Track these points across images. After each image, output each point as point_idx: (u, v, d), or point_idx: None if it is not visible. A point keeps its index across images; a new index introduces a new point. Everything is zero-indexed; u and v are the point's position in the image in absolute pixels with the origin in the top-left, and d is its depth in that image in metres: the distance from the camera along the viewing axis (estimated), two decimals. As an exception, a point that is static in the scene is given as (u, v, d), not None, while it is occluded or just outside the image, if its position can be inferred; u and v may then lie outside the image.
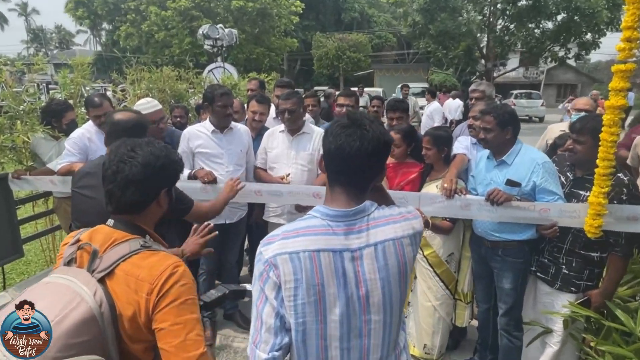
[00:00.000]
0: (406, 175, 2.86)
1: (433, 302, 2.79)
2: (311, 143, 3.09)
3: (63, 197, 3.47)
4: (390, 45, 31.91)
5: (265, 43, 23.75)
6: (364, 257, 1.10)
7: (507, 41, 18.73)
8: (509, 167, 2.38)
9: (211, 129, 3.00)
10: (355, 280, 1.09)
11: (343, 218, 1.10)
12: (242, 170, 3.11)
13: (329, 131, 1.12)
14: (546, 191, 2.26)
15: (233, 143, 3.05)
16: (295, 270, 1.05)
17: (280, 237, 1.09)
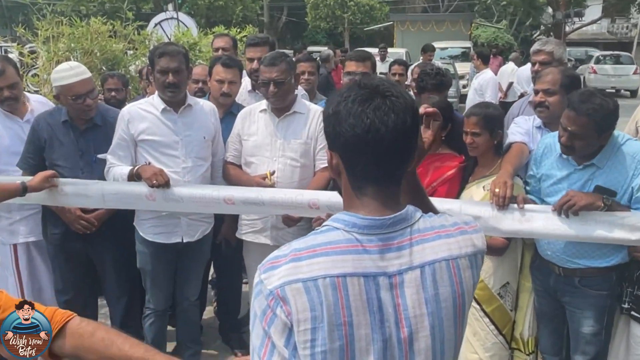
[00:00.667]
0: (441, 172, 2.94)
1: (481, 354, 2.88)
2: (306, 127, 3.16)
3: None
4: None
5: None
6: (405, 284, 1.09)
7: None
8: (599, 170, 2.44)
9: (161, 106, 3.06)
10: (395, 317, 1.08)
11: (377, 230, 1.10)
12: (206, 167, 3.19)
13: (343, 111, 1.10)
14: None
15: (193, 127, 3.12)
16: (312, 304, 1.03)
17: (289, 259, 1.07)
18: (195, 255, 3.31)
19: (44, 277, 3.57)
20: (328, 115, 1.14)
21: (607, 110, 2.34)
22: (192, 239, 3.18)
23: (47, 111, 3.36)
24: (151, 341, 3.30)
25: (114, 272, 3.38)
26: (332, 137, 1.13)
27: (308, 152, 3.17)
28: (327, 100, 1.20)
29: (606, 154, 2.45)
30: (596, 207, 2.31)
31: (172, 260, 3.25)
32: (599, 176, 2.44)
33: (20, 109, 3.38)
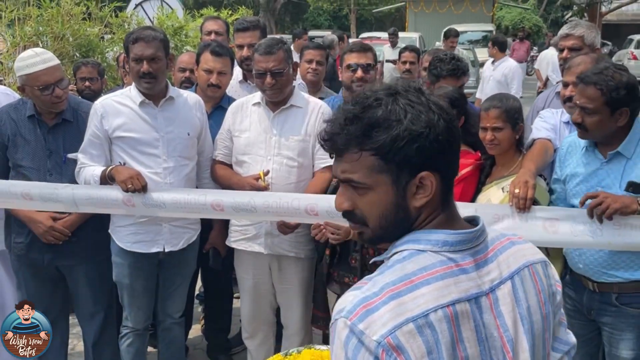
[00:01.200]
0: None
1: None
2: (304, 123, 3.20)
3: None
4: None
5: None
6: (500, 302, 1.10)
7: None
8: (629, 162, 2.48)
9: (139, 99, 3.10)
10: (500, 343, 1.09)
11: (468, 244, 1.11)
12: (191, 166, 3.23)
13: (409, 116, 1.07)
14: None
15: (175, 122, 3.16)
16: (429, 346, 0.98)
17: (386, 296, 1.01)
18: (180, 266, 3.34)
19: (7, 292, 3.62)
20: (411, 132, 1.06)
21: (620, 82, 2.39)
22: (176, 247, 3.21)
23: (10, 104, 3.38)
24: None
25: (87, 287, 3.39)
26: (430, 155, 1.08)
27: (306, 150, 3.20)
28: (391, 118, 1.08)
29: (633, 142, 2.49)
30: (632, 210, 2.32)
31: (153, 272, 3.28)
32: (630, 169, 2.47)
33: None
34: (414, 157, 1.05)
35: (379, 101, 1.08)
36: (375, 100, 1.08)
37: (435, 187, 1.08)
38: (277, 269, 3.32)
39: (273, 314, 3.56)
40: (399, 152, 1.04)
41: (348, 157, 1.09)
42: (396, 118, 1.05)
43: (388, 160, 1.06)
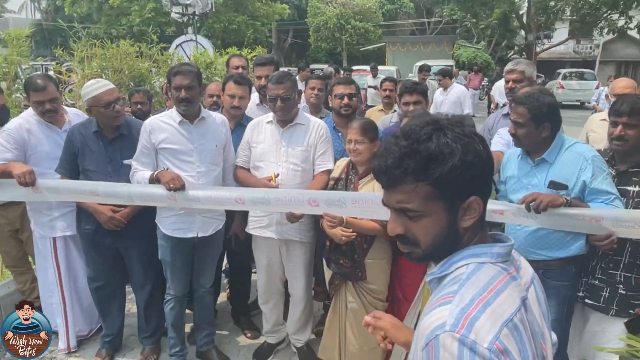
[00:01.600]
0: None
1: None
2: (306, 137, 3.16)
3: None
4: (406, 13, 32.19)
5: (249, 10, 23.94)
6: (530, 302, 1.06)
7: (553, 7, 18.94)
8: (551, 166, 2.47)
9: (178, 119, 3.06)
10: (542, 337, 1.06)
11: (509, 255, 1.07)
12: (218, 171, 3.19)
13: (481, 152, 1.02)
14: (598, 191, 2.36)
15: (206, 137, 3.11)
16: (520, 346, 0.93)
17: (481, 304, 0.93)
18: (209, 248, 3.31)
19: (79, 267, 3.59)
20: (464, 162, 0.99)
21: (542, 102, 2.42)
22: (206, 233, 3.18)
23: (79, 123, 3.36)
24: (171, 323, 3.33)
25: (139, 264, 3.37)
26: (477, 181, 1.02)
27: (308, 158, 3.16)
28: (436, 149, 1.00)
29: (554, 151, 2.48)
30: (559, 204, 2.32)
31: (189, 252, 3.23)
32: (552, 172, 2.45)
33: (59, 120, 3.42)
34: (465, 185, 0.99)
35: (429, 136, 0.99)
36: (425, 135, 1.00)
37: (481, 209, 1.03)
38: (286, 251, 3.29)
39: (282, 285, 3.51)
40: (453, 181, 0.98)
41: (403, 189, 1.01)
42: (449, 151, 0.97)
43: (443, 189, 0.99)
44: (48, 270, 3.52)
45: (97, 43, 4.91)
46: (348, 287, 3.06)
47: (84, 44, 4.78)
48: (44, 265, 3.54)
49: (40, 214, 3.43)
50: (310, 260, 3.37)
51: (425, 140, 0.99)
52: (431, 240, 1.03)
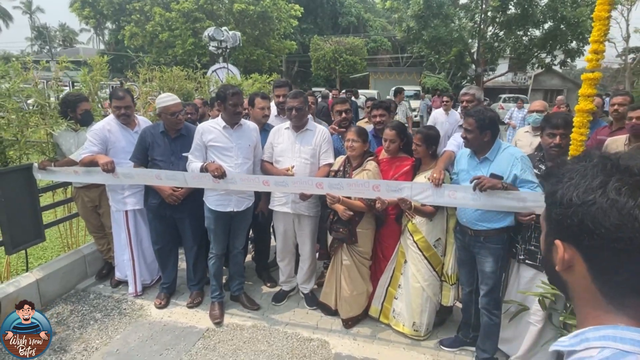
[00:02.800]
0: (399, 168, 3.03)
1: (422, 283, 2.98)
2: (314, 139, 3.22)
3: (81, 187, 3.65)
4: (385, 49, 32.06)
5: (265, 45, 23.82)
6: None
7: (497, 47, 18.98)
8: (492, 163, 2.54)
9: (222, 124, 3.12)
10: None
11: None
12: (250, 163, 3.24)
13: (602, 203, 0.61)
14: (525, 181, 2.44)
15: (242, 138, 3.17)
16: None
17: None
18: (242, 220, 3.36)
19: (143, 233, 3.65)
20: (571, 204, 0.65)
21: (485, 116, 2.49)
22: (240, 209, 3.23)
23: (150, 125, 3.43)
24: (213, 274, 3.37)
25: (189, 230, 3.43)
26: (574, 229, 0.64)
27: (315, 154, 3.22)
28: (553, 176, 0.71)
29: (494, 152, 2.54)
30: (498, 187, 2.40)
31: (227, 222, 3.29)
32: (493, 167, 2.53)
33: (131, 124, 3.46)
34: (554, 221, 0.69)
35: (580, 160, 0.69)
36: (580, 157, 0.71)
37: (564, 260, 0.67)
38: (298, 222, 3.35)
39: (294, 248, 3.57)
40: (549, 207, 0.71)
41: None
42: (565, 180, 0.67)
43: (546, 211, 0.73)
44: (121, 235, 3.58)
45: (156, 68, 4.97)
46: (343, 249, 3.15)
47: (146, 69, 4.86)
48: (118, 231, 3.60)
49: (116, 193, 3.49)
50: (315, 229, 3.43)
51: (573, 162, 0.71)
52: (542, 260, 0.77)
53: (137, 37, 22.78)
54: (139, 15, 22.83)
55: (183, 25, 21.51)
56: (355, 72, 26.69)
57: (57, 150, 3.56)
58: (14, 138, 3.25)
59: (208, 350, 2.97)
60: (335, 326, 3.28)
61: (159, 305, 3.50)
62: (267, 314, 3.44)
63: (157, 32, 21.84)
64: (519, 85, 32.35)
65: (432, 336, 3.15)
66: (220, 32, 8.95)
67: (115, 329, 3.20)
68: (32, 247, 3.80)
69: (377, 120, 3.50)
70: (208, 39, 9.07)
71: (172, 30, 21.70)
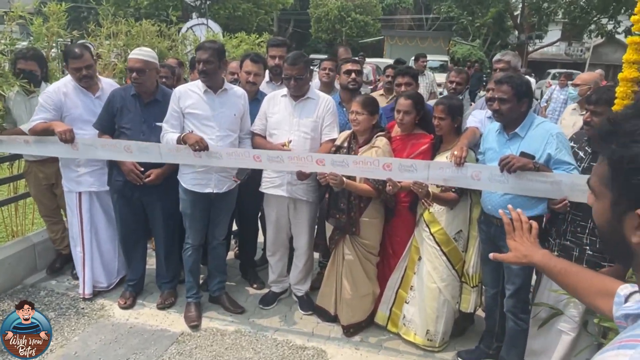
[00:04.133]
0: (416, 147, 3.24)
1: (438, 283, 3.20)
2: (316, 109, 3.39)
3: (35, 161, 3.82)
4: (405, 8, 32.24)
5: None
6: None
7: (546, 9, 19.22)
8: (522, 140, 2.75)
9: (203, 89, 3.29)
10: None
11: None
12: (235, 137, 3.40)
13: None
14: (561, 162, 2.65)
15: (226, 105, 3.32)
16: None
17: None
18: (224, 203, 3.50)
19: (101, 222, 3.77)
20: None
21: (522, 80, 2.70)
22: (221, 190, 3.36)
23: (120, 87, 3.59)
24: (189, 269, 3.56)
25: (161, 217, 3.59)
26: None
27: (317, 128, 3.38)
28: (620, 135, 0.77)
29: (525, 127, 2.74)
30: (528, 168, 2.58)
31: (206, 207, 3.43)
32: (523, 144, 2.71)
33: (93, 87, 3.58)
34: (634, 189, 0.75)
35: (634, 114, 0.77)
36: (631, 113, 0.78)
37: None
38: (294, 208, 3.52)
39: (288, 240, 3.74)
40: (624, 173, 0.76)
41: (600, 159, 0.84)
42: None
43: (614, 177, 0.78)
44: (73, 221, 3.71)
45: (123, 21, 5.09)
46: (345, 242, 3.35)
47: (111, 21, 5.01)
48: (70, 217, 3.74)
49: (69, 169, 3.60)
50: (314, 219, 3.62)
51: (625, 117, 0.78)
52: (600, 231, 0.88)
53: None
54: (93, -45, 22.85)
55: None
56: (367, 35, 26.91)
57: (6, 118, 3.73)
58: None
59: (183, 356, 3.20)
60: (335, 333, 3.50)
61: (124, 305, 3.69)
62: (252, 318, 3.66)
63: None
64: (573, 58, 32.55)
65: (448, 347, 3.38)
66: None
67: (73, 330, 3.43)
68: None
69: (403, 90, 3.66)
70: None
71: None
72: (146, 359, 3.14)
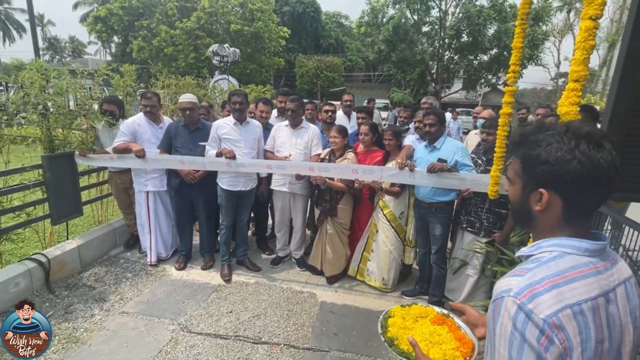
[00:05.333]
0: (373, 158, 3.34)
1: (389, 247, 3.31)
2: (307, 134, 3.48)
3: (115, 171, 3.81)
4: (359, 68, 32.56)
5: (257, 61, 23.91)
6: (618, 298, 0.79)
7: (452, 69, 19.82)
8: (439, 150, 2.90)
9: (233, 121, 3.36)
10: (619, 329, 0.78)
11: (599, 252, 0.80)
12: (254, 153, 3.45)
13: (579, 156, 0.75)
14: (464, 165, 2.81)
15: (249, 132, 3.40)
16: (580, 329, 0.72)
17: (547, 286, 0.73)
18: (247, 197, 3.55)
19: (161, 213, 3.76)
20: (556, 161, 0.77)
21: (441, 112, 2.88)
22: (246, 189, 3.44)
23: (175, 121, 3.62)
24: (223, 241, 3.56)
25: (203, 206, 3.60)
26: (558, 179, 0.77)
27: (308, 146, 3.46)
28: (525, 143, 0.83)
29: (440, 142, 2.89)
30: (444, 170, 2.73)
31: (235, 200, 3.48)
32: (439, 153, 2.86)
33: (157, 120, 3.60)
34: (544, 177, 0.79)
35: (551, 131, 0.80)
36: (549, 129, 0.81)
37: (547, 202, 0.79)
38: (292, 199, 3.57)
39: (289, 221, 3.77)
40: (531, 167, 0.81)
41: (512, 158, 0.88)
42: (543, 145, 0.79)
43: (524, 169, 0.83)
44: (142, 212, 3.70)
45: (173, 77, 5.14)
46: (328, 221, 3.43)
47: (165, 77, 5.05)
48: (139, 209, 3.73)
49: (140, 176, 3.59)
50: (306, 206, 3.68)
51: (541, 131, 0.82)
52: (512, 206, 0.89)
53: (144, 51, 22.45)
54: (146, 32, 22.53)
55: (186, 42, 21.39)
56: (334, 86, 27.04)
57: (95, 143, 3.72)
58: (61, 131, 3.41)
59: (221, 299, 3.23)
60: (321, 282, 3.57)
61: (178, 268, 3.69)
62: (266, 274, 3.70)
63: (162, 47, 21.62)
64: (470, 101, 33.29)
65: (396, 289, 3.48)
66: (223, 49, 9.13)
67: (144, 284, 3.43)
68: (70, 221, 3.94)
69: (360, 122, 3.76)
70: (212, 54, 9.22)
71: (176, 46, 21.53)
72: (196, 303, 3.17)
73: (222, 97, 6.13)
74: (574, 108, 1.77)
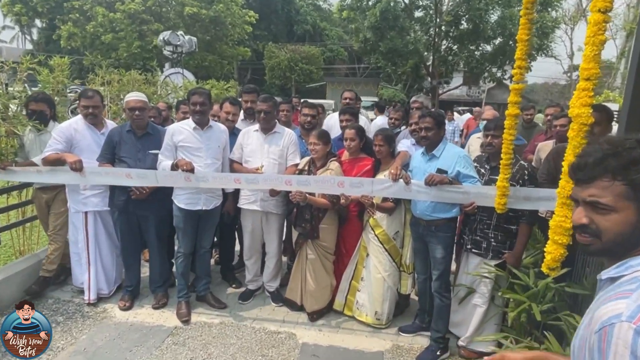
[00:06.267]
0: (361, 168, 3.43)
1: (383, 273, 3.38)
2: (282, 140, 3.53)
3: (39, 187, 3.71)
4: (342, 59, 33.19)
5: (218, 51, 23.97)
6: None
7: (451, 61, 20.48)
8: (438, 159, 3.00)
9: (193, 125, 3.37)
10: None
11: None
12: (219, 164, 3.47)
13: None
14: (467, 176, 2.91)
15: (212, 139, 3.41)
16: None
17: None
18: (210, 218, 3.54)
19: (103, 239, 3.71)
20: None
21: (439, 114, 2.99)
22: (208, 207, 3.43)
23: (119, 125, 3.61)
24: (180, 272, 3.54)
25: (154, 229, 3.58)
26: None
27: (283, 155, 3.52)
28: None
29: (440, 149, 2.98)
30: (445, 182, 2.81)
31: (195, 221, 3.47)
32: (439, 163, 2.95)
33: (99, 125, 3.57)
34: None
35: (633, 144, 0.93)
36: (629, 143, 0.93)
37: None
38: (265, 220, 3.61)
39: (261, 246, 3.80)
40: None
41: (599, 184, 0.94)
42: None
43: (637, 190, 0.91)
44: (79, 237, 3.62)
45: (115, 71, 5.08)
46: (308, 245, 3.47)
47: (104, 72, 5.00)
48: (76, 234, 3.64)
49: (76, 193, 3.54)
50: (282, 227, 3.72)
51: (631, 148, 0.93)
52: (614, 236, 0.94)
53: (75, 38, 22.12)
54: (78, 15, 22.23)
55: (129, 27, 21.22)
56: (312, 81, 27.34)
57: (19, 152, 3.63)
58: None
59: (178, 345, 3.20)
60: (302, 319, 3.60)
61: (124, 307, 3.63)
62: (234, 312, 3.69)
63: (98, 34, 21.35)
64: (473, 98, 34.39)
65: (392, 325, 3.54)
66: (176, 37, 9.13)
67: (80, 330, 3.34)
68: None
69: (344, 125, 3.84)
70: (163, 43, 9.20)
71: (116, 32, 21.33)
72: (147, 350, 3.12)
73: (176, 96, 6.12)
74: (586, 109, 1.92)
